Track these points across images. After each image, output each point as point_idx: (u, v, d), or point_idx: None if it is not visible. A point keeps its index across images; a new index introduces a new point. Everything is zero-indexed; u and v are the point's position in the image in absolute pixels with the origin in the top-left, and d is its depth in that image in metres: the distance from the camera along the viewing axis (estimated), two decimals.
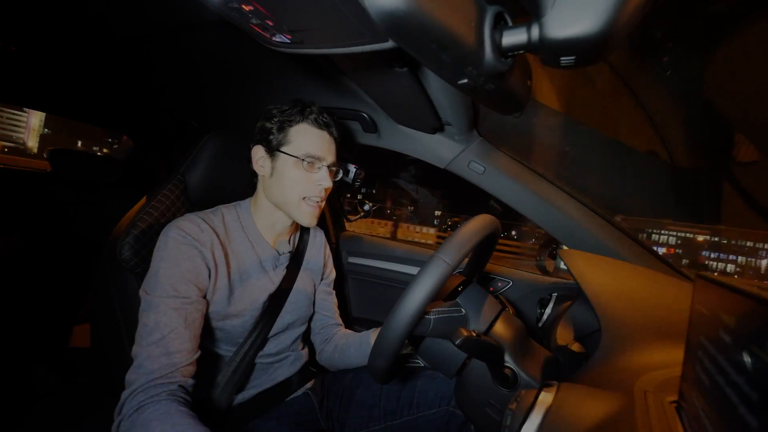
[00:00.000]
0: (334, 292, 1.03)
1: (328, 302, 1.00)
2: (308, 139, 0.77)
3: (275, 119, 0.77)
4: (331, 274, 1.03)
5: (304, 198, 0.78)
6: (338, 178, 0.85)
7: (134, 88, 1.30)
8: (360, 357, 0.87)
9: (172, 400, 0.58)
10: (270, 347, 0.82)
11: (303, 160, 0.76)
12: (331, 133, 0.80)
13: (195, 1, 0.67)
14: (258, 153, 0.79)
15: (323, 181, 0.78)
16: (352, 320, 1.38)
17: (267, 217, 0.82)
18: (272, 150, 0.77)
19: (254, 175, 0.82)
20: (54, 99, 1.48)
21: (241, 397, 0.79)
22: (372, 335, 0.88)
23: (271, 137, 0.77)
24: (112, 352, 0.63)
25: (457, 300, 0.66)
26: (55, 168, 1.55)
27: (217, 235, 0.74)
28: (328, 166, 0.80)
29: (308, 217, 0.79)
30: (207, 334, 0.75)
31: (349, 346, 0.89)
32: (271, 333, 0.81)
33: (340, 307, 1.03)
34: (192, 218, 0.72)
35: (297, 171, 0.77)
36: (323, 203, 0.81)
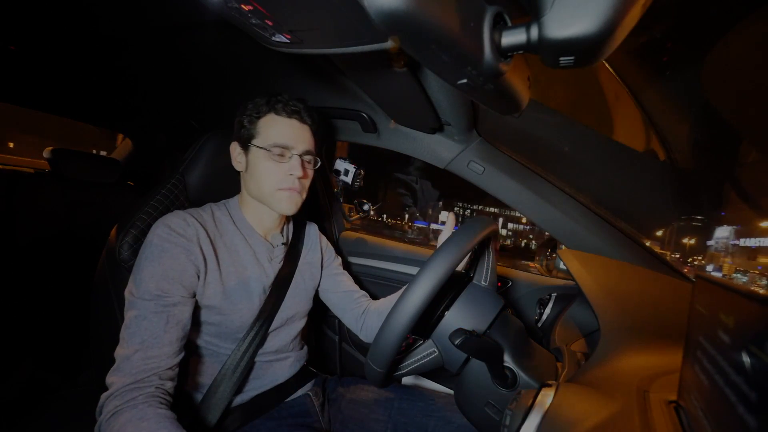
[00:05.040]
0: (345, 272, 1.02)
1: (345, 281, 1.00)
2: (275, 129, 0.76)
3: (246, 114, 0.77)
4: (336, 259, 1.03)
5: (278, 189, 0.77)
6: (317, 166, 0.83)
7: (134, 88, 1.30)
8: None
9: (148, 404, 0.57)
10: (270, 344, 0.82)
11: (271, 150, 0.75)
12: (302, 120, 0.78)
13: (194, 1, 0.67)
14: (235, 150, 0.79)
15: (293, 170, 0.76)
16: None
17: (254, 212, 0.82)
18: (244, 144, 0.77)
19: (237, 172, 0.82)
20: (54, 99, 1.48)
21: (240, 398, 0.79)
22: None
23: (243, 131, 0.77)
24: (112, 352, 0.63)
25: (431, 338, 0.67)
26: (54, 168, 1.55)
27: (206, 230, 0.73)
28: (301, 155, 0.78)
29: (286, 204, 0.78)
30: (204, 332, 0.75)
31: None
32: (272, 328, 0.81)
33: None
34: (178, 213, 0.72)
35: (267, 162, 0.75)
36: (304, 192, 0.80)
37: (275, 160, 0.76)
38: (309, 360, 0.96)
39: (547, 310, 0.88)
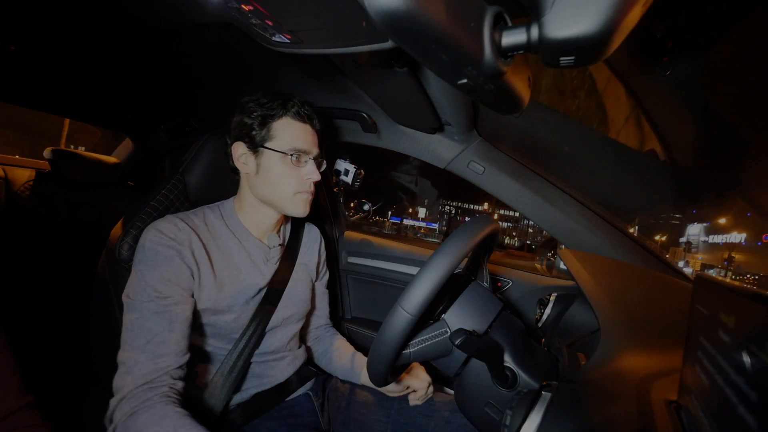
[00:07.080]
0: (328, 291, 1.03)
1: (323, 302, 1.01)
2: (293, 134, 0.76)
3: (255, 114, 0.76)
4: (326, 274, 1.03)
5: (297, 193, 0.77)
6: (322, 169, 0.84)
7: (134, 88, 1.30)
8: (346, 378, 0.93)
9: (166, 402, 0.58)
10: (267, 344, 0.82)
11: (290, 155, 0.75)
12: (314, 126, 0.80)
13: (195, 2, 0.67)
14: (239, 150, 0.78)
15: (311, 174, 0.78)
16: (350, 320, 1.38)
17: (253, 214, 0.81)
18: (256, 146, 0.76)
19: (236, 172, 0.81)
20: (54, 99, 1.47)
21: (239, 398, 0.79)
22: (358, 359, 0.91)
23: (254, 133, 0.76)
24: (112, 353, 0.63)
25: (443, 318, 0.66)
26: (55, 168, 1.55)
27: (197, 234, 0.73)
28: (314, 158, 0.79)
29: (302, 208, 0.79)
30: (200, 332, 0.75)
31: (337, 368, 0.93)
32: (268, 328, 0.81)
33: (339, 307, 1.03)
34: (170, 218, 0.72)
35: (284, 167, 0.76)
36: (313, 193, 0.82)
37: (292, 165, 0.76)
38: (309, 360, 0.96)
39: (548, 310, 0.88)
